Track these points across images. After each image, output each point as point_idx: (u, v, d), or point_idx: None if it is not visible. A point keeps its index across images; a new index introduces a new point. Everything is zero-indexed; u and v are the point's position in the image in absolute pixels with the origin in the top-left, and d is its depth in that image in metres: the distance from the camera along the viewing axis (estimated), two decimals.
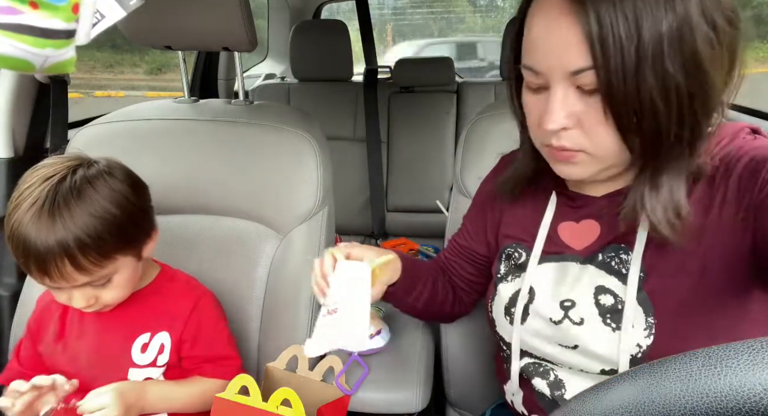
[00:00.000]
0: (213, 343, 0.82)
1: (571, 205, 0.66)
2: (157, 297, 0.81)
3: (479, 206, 0.79)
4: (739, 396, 0.24)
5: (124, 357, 0.78)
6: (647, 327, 0.56)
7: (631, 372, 0.30)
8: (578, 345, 0.61)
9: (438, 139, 1.98)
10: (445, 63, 2.04)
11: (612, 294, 0.59)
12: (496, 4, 4.44)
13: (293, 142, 0.97)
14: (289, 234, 0.96)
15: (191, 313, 0.81)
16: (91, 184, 0.69)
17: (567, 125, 0.52)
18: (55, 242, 0.65)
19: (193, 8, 0.94)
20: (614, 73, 0.47)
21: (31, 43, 0.40)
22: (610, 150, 0.52)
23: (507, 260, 0.71)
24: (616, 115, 0.49)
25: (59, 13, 0.42)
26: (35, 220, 0.65)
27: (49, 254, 0.65)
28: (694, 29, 0.46)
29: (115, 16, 0.47)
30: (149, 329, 0.79)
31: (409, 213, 2.01)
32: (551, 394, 0.65)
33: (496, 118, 1.01)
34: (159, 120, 1.04)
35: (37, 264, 0.66)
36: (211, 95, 2.01)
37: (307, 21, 2.35)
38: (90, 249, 0.67)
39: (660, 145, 0.51)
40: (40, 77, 1.11)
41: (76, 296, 0.71)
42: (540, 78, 0.53)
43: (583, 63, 0.48)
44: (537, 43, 0.52)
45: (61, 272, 0.66)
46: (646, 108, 0.48)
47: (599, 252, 0.61)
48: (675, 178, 0.53)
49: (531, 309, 0.65)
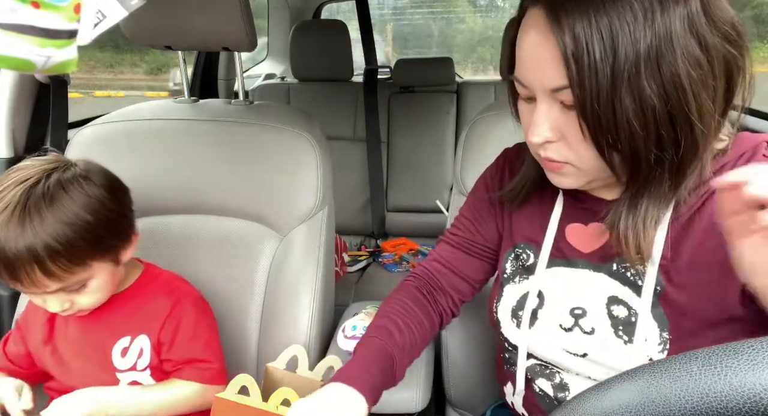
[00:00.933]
0: (191, 346, 0.80)
1: (578, 205, 0.64)
2: (137, 299, 0.79)
3: (483, 197, 0.76)
4: (739, 396, 0.24)
5: (106, 362, 0.78)
6: (661, 342, 0.55)
7: (631, 372, 0.30)
8: (587, 353, 0.60)
9: (438, 139, 1.98)
10: (445, 63, 2.04)
11: (626, 305, 0.58)
12: (496, 4, 4.44)
13: (293, 142, 0.97)
14: (289, 235, 0.96)
15: (168, 316, 0.79)
16: (65, 189, 0.67)
17: (550, 138, 0.52)
18: (24, 248, 0.63)
19: (193, 8, 0.94)
20: (589, 92, 0.46)
21: (33, 42, 0.41)
22: (593, 164, 0.52)
23: (515, 260, 0.70)
24: (593, 134, 0.48)
25: (61, 13, 0.42)
26: (5, 225, 0.63)
27: (17, 260, 0.64)
28: (675, 48, 0.44)
29: (117, 16, 0.47)
30: (129, 333, 0.78)
31: (409, 213, 2.01)
32: (554, 395, 0.65)
33: (496, 118, 1.01)
34: (159, 120, 1.04)
35: (7, 270, 0.65)
36: (211, 95, 2.01)
37: (307, 21, 2.35)
38: (60, 256, 0.65)
39: (639, 167, 0.50)
40: (40, 77, 1.11)
41: (50, 300, 0.70)
42: (527, 91, 0.53)
43: (561, 81, 0.48)
44: (523, 58, 0.52)
45: (31, 278, 0.65)
46: (623, 129, 0.47)
47: (613, 262, 0.60)
48: (654, 202, 0.52)
49: (540, 314, 0.64)
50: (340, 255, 1.74)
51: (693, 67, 0.45)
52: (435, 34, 4.49)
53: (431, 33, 4.49)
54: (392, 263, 1.81)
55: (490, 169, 0.77)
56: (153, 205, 0.78)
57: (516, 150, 0.74)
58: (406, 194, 2.00)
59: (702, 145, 0.49)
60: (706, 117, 0.47)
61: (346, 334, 0.91)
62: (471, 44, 4.44)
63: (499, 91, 1.97)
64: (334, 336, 0.96)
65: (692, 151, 0.49)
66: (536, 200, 0.68)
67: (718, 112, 0.49)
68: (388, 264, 1.80)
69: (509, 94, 0.61)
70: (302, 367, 0.86)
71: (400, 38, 4.45)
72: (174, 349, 0.79)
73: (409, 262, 1.80)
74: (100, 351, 0.78)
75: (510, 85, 0.58)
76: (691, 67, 0.45)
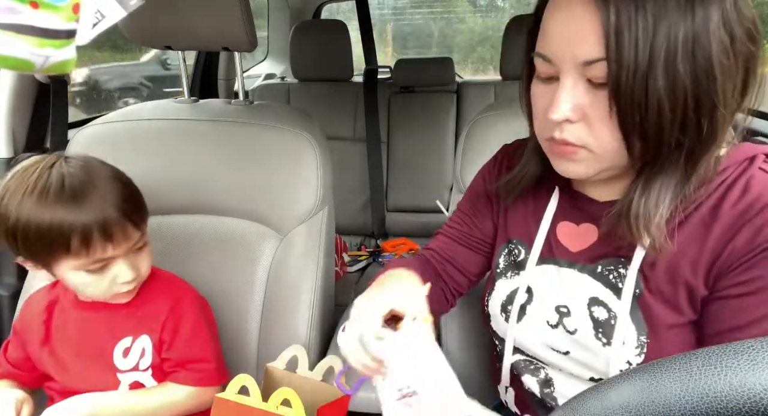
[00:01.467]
0: (190, 346, 0.80)
1: (573, 204, 0.65)
2: (138, 299, 0.80)
3: (481, 191, 0.76)
4: (739, 396, 0.24)
5: (107, 363, 0.78)
6: (639, 345, 0.56)
7: (631, 372, 0.30)
8: (570, 351, 0.61)
9: (438, 138, 1.98)
10: (445, 63, 2.04)
11: (606, 307, 0.59)
12: (496, 4, 4.43)
13: (293, 142, 0.97)
14: (289, 235, 0.96)
15: (169, 315, 0.79)
16: (86, 164, 0.71)
17: (571, 117, 0.51)
18: (92, 219, 0.67)
19: (193, 8, 0.94)
20: (625, 67, 0.47)
21: (32, 42, 0.40)
22: (611, 148, 0.52)
23: (508, 256, 0.71)
24: (621, 110, 0.49)
25: (60, 13, 0.42)
26: (57, 203, 0.65)
27: (88, 231, 0.66)
28: (711, 36, 0.46)
29: (116, 16, 0.47)
30: (131, 333, 0.79)
31: (409, 213, 2.01)
32: (540, 392, 0.65)
33: (496, 118, 1.01)
34: (159, 120, 1.04)
35: (81, 243, 0.67)
36: (211, 95, 2.01)
37: (307, 21, 2.35)
38: (120, 221, 0.69)
39: (659, 148, 0.50)
40: (40, 77, 1.11)
41: (123, 269, 0.72)
42: (551, 67, 0.52)
43: (597, 54, 0.48)
44: (553, 32, 0.52)
45: (112, 235, 0.68)
46: (652, 107, 0.47)
47: (598, 264, 0.61)
48: (666, 188, 0.52)
49: (528, 309, 0.66)
50: (340, 255, 1.74)
51: (724, 57, 0.47)
52: (435, 34, 4.49)
53: (431, 33, 4.48)
54: None
55: (489, 164, 0.77)
56: (152, 204, 0.78)
57: (515, 146, 0.75)
58: (406, 194, 2.00)
59: (720, 135, 0.50)
60: (728, 107, 0.49)
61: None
62: (471, 44, 4.43)
63: (499, 91, 1.97)
64: (334, 336, 0.96)
65: (710, 139, 0.50)
66: (531, 197, 0.69)
67: (735, 107, 0.50)
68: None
69: (523, 76, 0.60)
70: (302, 367, 0.86)
71: (400, 38, 4.45)
72: (173, 348, 0.79)
73: None
74: (100, 352, 0.78)
75: (527, 65, 0.58)
76: (723, 57, 0.47)
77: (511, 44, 1.83)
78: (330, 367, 0.85)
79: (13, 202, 0.66)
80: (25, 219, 0.66)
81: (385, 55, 4.14)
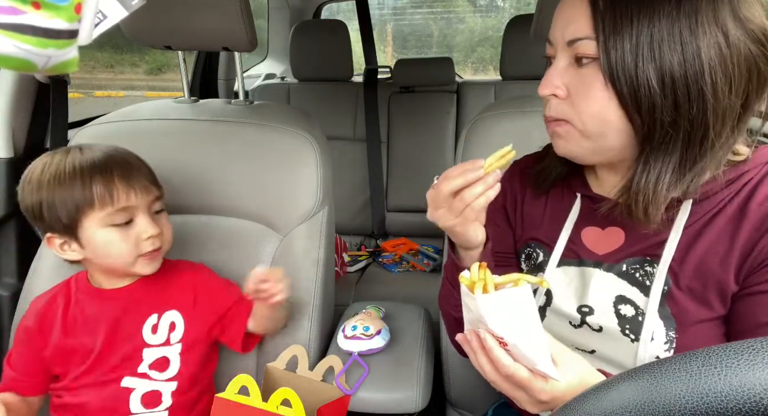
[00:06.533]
0: (229, 289, 0.88)
1: (593, 207, 0.65)
2: (162, 281, 0.84)
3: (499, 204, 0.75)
4: (739, 396, 0.24)
5: (137, 340, 0.80)
6: (668, 341, 0.57)
7: (632, 371, 0.30)
8: (595, 350, 0.62)
9: (438, 139, 1.98)
10: (445, 63, 2.04)
11: (633, 304, 0.59)
12: (496, 4, 4.43)
13: (293, 142, 0.97)
14: (289, 234, 0.96)
15: (197, 283, 0.86)
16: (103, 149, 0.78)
17: (558, 94, 0.56)
18: (113, 156, 0.76)
19: (193, 8, 0.94)
20: (612, 44, 0.50)
21: (34, 43, 0.40)
22: (592, 124, 0.54)
23: (527, 260, 0.72)
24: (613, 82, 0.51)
25: (61, 13, 0.42)
26: (80, 160, 0.74)
27: (112, 165, 0.74)
28: (698, 28, 0.48)
29: (117, 16, 0.47)
30: (156, 310, 0.82)
31: (409, 213, 2.01)
32: None
33: (496, 118, 1.01)
34: (159, 120, 1.04)
35: (103, 182, 0.73)
36: (211, 95, 2.01)
37: (307, 21, 2.35)
38: (142, 162, 0.80)
39: (653, 130, 0.52)
40: (40, 77, 1.11)
41: (146, 223, 0.77)
42: (552, 49, 0.58)
43: (583, 33, 0.53)
44: (553, 17, 0.58)
45: (131, 180, 0.75)
46: (642, 80, 0.50)
47: (623, 263, 0.62)
48: (666, 167, 0.54)
49: (549, 310, 0.66)
50: (340, 255, 1.74)
51: (712, 49, 0.49)
52: (435, 34, 4.49)
53: (431, 33, 4.48)
54: (392, 263, 1.81)
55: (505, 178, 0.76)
56: None
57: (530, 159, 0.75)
58: (406, 194, 2.00)
59: (715, 125, 0.51)
60: (721, 99, 0.50)
61: (346, 334, 0.91)
62: (471, 44, 4.43)
63: (499, 91, 1.97)
64: (334, 336, 0.96)
65: (704, 127, 0.51)
66: (551, 202, 0.70)
67: (737, 103, 0.51)
68: (388, 264, 1.80)
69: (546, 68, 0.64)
70: (302, 367, 0.86)
71: (399, 38, 4.45)
72: (217, 299, 0.86)
73: (409, 262, 1.80)
74: (128, 332, 0.80)
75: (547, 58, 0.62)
76: (711, 48, 0.49)
77: (511, 44, 1.83)
78: (330, 367, 0.85)
79: (35, 176, 0.74)
80: (49, 176, 0.73)
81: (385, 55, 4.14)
